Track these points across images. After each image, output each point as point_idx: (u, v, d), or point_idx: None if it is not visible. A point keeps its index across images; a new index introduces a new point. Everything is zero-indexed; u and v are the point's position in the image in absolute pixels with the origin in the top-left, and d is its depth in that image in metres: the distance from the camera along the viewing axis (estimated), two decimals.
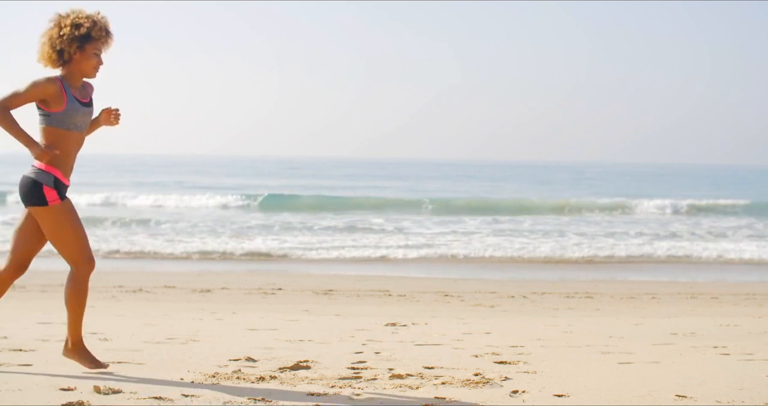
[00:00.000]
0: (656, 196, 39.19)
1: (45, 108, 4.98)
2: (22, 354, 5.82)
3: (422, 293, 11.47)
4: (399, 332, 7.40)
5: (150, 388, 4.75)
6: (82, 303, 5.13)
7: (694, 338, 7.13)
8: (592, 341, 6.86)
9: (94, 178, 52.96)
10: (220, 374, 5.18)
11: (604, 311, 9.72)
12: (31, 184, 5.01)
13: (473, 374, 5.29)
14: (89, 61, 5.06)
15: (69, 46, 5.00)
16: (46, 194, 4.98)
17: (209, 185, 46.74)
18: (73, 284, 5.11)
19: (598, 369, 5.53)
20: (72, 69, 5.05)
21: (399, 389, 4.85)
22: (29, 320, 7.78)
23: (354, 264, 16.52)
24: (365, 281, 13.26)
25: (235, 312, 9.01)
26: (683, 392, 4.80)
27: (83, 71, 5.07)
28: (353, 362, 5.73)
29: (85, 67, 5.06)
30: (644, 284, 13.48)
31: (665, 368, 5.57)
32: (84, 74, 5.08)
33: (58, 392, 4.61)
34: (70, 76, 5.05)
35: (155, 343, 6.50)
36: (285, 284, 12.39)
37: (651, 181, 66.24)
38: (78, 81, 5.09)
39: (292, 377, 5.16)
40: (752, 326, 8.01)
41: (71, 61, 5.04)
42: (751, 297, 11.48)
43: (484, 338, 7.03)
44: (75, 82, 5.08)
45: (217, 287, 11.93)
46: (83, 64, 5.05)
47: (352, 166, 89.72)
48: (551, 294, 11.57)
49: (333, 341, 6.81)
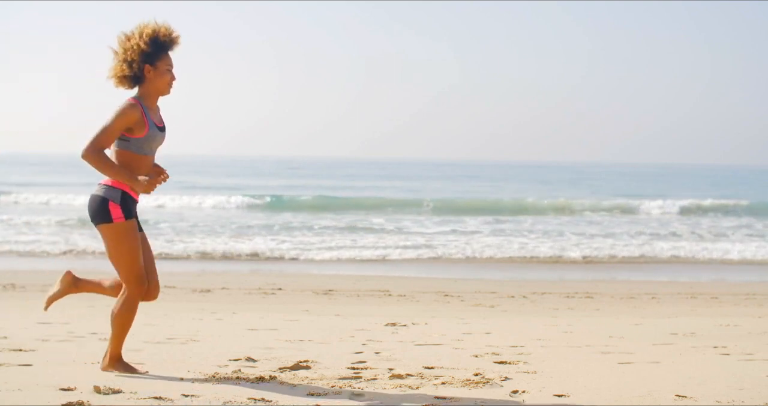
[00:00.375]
0: (656, 196, 39.20)
1: (126, 134, 4.90)
2: (22, 354, 5.82)
3: (422, 293, 11.47)
4: (399, 332, 7.39)
5: (150, 388, 4.75)
6: (127, 323, 5.03)
7: (694, 338, 7.13)
8: (592, 341, 6.86)
9: (94, 178, 52.94)
10: (220, 374, 5.18)
11: (604, 311, 9.72)
12: (99, 201, 4.95)
13: (473, 374, 5.29)
14: (163, 78, 4.96)
15: (140, 65, 4.90)
16: (112, 211, 4.92)
17: (209, 185, 46.75)
18: (122, 302, 5.03)
19: (598, 369, 5.53)
20: (147, 89, 4.96)
21: (399, 389, 4.85)
22: (29, 320, 7.78)
23: (354, 264, 16.52)
24: (365, 281, 13.26)
25: (235, 312, 9.01)
26: (683, 392, 4.80)
27: (159, 89, 4.98)
28: (353, 362, 5.74)
29: (160, 84, 4.97)
30: (644, 284, 13.48)
31: (665, 368, 5.57)
32: (160, 92, 4.99)
33: (58, 392, 4.61)
34: (147, 97, 4.96)
35: (155, 343, 6.50)
36: (285, 284, 12.39)
37: (651, 181, 66.24)
38: (154, 101, 5.00)
39: (292, 377, 5.16)
40: (752, 326, 8.01)
41: (145, 81, 4.94)
42: (751, 297, 11.48)
43: (484, 338, 7.03)
44: (152, 104, 4.99)
45: (217, 287, 11.93)
46: (158, 82, 4.96)
47: (352, 167, 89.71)
48: (551, 294, 11.56)
49: (333, 341, 6.81)
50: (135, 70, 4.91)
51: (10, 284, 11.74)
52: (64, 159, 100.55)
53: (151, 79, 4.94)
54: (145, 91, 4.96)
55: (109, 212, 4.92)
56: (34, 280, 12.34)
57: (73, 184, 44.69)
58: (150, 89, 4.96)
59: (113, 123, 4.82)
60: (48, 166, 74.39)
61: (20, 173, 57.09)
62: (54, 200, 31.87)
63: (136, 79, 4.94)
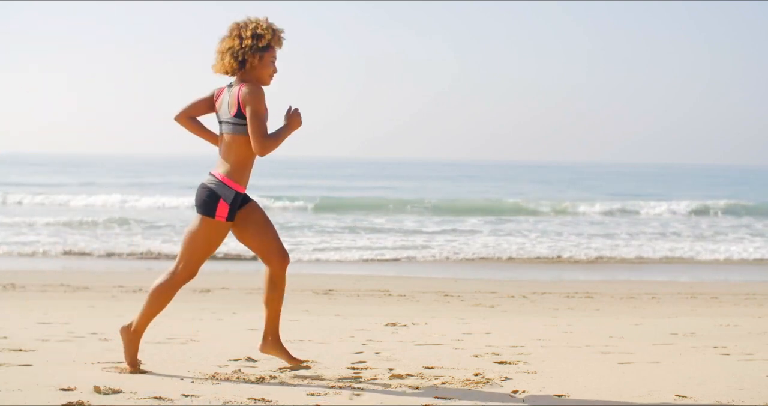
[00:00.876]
0: (656, 196, 39.21)
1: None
2: (22, 354, 5.82)
3: (422, 293, 11.47)
4: (399, 332, 7.40)
5: (150, 388, 4.75)
6: (163, 302, 5.11)
7: (694, 338, 7.13)
8: (592, 341, 6.86)
9: (94, 178, 52.97)
10: (220, 374, 5.19)
11: (604, 311, 9.72)
12: (210, 195, 4.98)
13: (473, 374, 5.29)
14: (267, 70, 5.04)
15: (252, 56, 4.98)
16: (218, 208, 4.97)
17: None
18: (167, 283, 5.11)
19: (598, 369, 5.53)
20: (249, 77, 5.03)
21: (399, 389, 4.85)
22: (29, 320, 7.78)
23: (354, 264, 16.52)
24: (365, 281, 13.26)
25: (235, 312, 9.01)
26: (683, 392, 4.80)
27: (261, 79, 5.04)
28: (353, 362, 5.74)
29: (262, 75, 5.04)
30: (644, 284, 13.47)
31: (665, 368, 5.57)
32: (261, 82, 5.05)
33: (58, 392, 4.61)
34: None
35: (155, 343, 6.50)
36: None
37: (651, 181, 66.25)
38: None
39: (292, 377, 5.16)
40: (752, 326, 8.01)
41: (250, 69, 5.02)
42: (751, 297, 11.48)
43: (484, 338, 7.03)
44: None
45: (217, 287, 11.93)
46: (261, 73, 5.03)
47: (351, 167, 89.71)
48: (551, 294, 11.56)
49: (333, 341, 6.81)
50: (244, 56, 4.98)
51: (10, 284, 11.74)
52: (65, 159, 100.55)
53: (256, 67, 5.02)
54: (246, 79, 5.03)
55: (215, 209, 4.98)
56: (34, 280, 12.35)
57: (76, 185, 44.70)
58: (252, 77, 5.03)
59: (261, 110, 4.92)
60: (48, 166, 74.40)
61: (21, 173, 57.08)
62: (54, 201, 31.87)
63: (242, 64, 5.00)
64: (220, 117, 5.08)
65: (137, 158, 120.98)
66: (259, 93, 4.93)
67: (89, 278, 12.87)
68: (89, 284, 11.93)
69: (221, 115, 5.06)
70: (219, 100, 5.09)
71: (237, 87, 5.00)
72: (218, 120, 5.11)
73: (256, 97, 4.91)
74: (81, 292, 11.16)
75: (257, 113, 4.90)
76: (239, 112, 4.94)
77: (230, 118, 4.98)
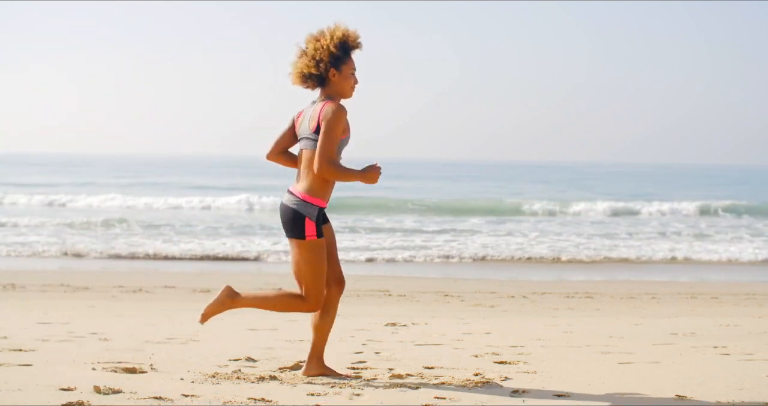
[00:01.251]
0: (656, 196, 39.20)
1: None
2: (22, 354, 5.82)
3: (422, 293, 11.47)
4: (399, 332, 7.40)
5: (150, 388, 4.75)
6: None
7: (694, 338, 7.13)
8: (592, 341, 6.86)
9: (94, 179, 52.96)
10: (220, 374, 5.18)
11: (604, 311, 9.72)
12: (294, 215, 4.90)
13: (473, 374, 5.29)
14: (348, 82, 4.95)
15: (328, 67, 4.90)
16: (306, 228, 4.89)
17: (209, 185, 46.75)
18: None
19: (598, 369, 5.53)
20: (331, 91, 4.94)
21: (399, 389, 4.85)
22: (29, 320, 7.78)
23: (354, 264, 16.52)
24: (365, 281, 13.25)
25: (235, 312, 9.00)
26: (683, 392, 4.80)
27: (342, 92, 4.95)
28: (353, 362, 5.74)
29: (344, 87, 4.95)
30: (644, 284, 13.47)
31: (665, 368, 5.57)
32: (343, 95, 4.96)
33: (58, 392, 4.61)
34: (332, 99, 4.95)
35: (155, 343, 6.50)
36: (285, 284, 12.38)
37: (651, 182, 66.24)
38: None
39: (292, 377, 5.16)
40: (752, 326, 8.01)
41: (329, 83, 4.94)
42: (751, 297, 11.48)
43: (484, 338, 7.03)
44: None
45: (217, 287, 11.92)
46: (343, 85, 4.94)
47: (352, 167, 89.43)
48: (551, 294, 11.56)
49: (333, 341, 6.81)
50: (321, 71, 4.91)
51: (10, 284, 11.74)
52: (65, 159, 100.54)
53: (336, 82, 4.94)
54: (328, 94, 4.95)
55: (303, 229, 4.89)
56: (34, 280, 12.35)
57: (76, 185, 44.70)
58: (334, 92, 4.95)
59: (336, 131, 4.82)
60: (48, 166, 74.38)
61: (21, 173, 57.07)
62: (54, 201, 31.87)
63: (320, 80, 4.94)
64: (300, 133, 4.98)
65: (137, 158, 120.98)
66: (339, 114, 4.82)
67: (89, 278, 12.87)
68: (89, 284, 11.93)
69: (301, 132, 4.96)
70: (300, 119, 5.00)
71: (320, 104, 4.90)
72: (298, 137, 5.01)
73: (335, 118, 4.81)
74: (81, 292, 11.16)
75: (330, 133, 4.80)
76: (318, 128, 4.86)
77: (310, 134, 4.89)
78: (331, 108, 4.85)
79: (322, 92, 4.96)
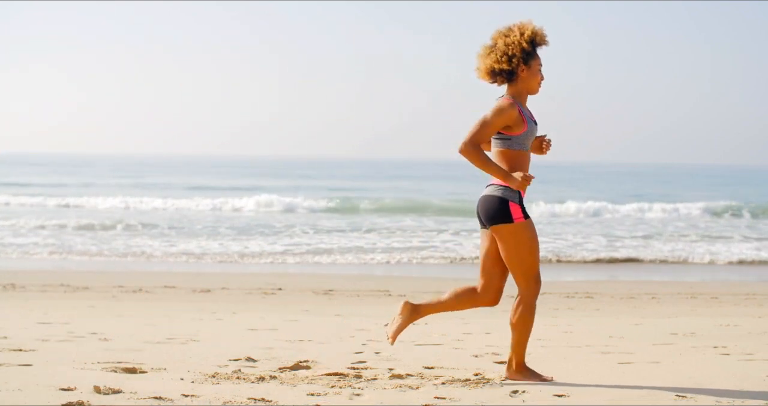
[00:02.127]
0: (656, 196, 39.20)
1: (506, 132, 4.93)
2: (22, 354, 5.82)
3: (422, 293, 11.47)
4: None
5: (150, 388, 4.75)
6: (529, 325, 5.00)
7: (694, 338, 7.13)
8: (592, 341, 6.86)
9: (93, 179, 52.97)
10: (220, 374, 5.18)
11: (604, 311, 9.72)
12: (498, 202, 4.92)
13: (473, 374, 5.29)
14: (536, 78, 5.01)
15: (518, 63, 4.95)
16: (512, 211, 4.91)
17: (209, 186, 46.75)
18: (523, 306, 4.97)
19: (598, 369, 5.53)
20: (519, 87, 5.00)
21: (399, 389, 4.85)
22: (29, 320, 7.78)
23: (354, 264, 16.52)
24: (365, 281, 13.26)
25: (235, 312, 9.01)
26: (683, 392, 4.80)
27: (530, 88, 5.01)
28: (353, 362, 5.74)
29: (532, 84, 5.01)
30: (644, 284, 13.47)
31: (665, 368, 5.57)
32: (530, 91, 5.02)
33: (58, 392, 4.61)
34: (518, 95, 5.00)
35: (155, 343, 6.50)
36: (285, 284, 12.39)
37: (651, 182, 66.25)
38: (525, 99, 5.03)
39: (292, 377, 5.16)
40: (752, 326, 8.01)
41: (517, 79, 4.99)
42: (751, 297, 11.48)
43: (484, 338, 7.03)
44: (523, 101, 5.02)
45: (217, 287, 11.93)
46: (530, 81, 5.00)
47: (352, 167, 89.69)
48: (551, 294, 11.56)
49: (333, 341, 6.81)
50: (513, 66, 4.96)
51: (10, 284, 11.74)
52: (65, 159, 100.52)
53: (524, 78, 4.99)
54: (516, 90, 5.00)
55: (509, 213, 4.91)
56: (34, 280, 12.35)
57: (80, 186, 44.70)
58: (521, 88, 5.00)
59: (492, 120, 4.89)
60: (49, 166, 74.38)
61: (21, 174, 57.06)
62: (55, 201, 31.87)
63: (510, 75, 4.99)
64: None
65: (138, 158, 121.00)
66: (501, 107, 4.89)
67: (89, 278, 12.87)
68: (89, 284, 11.93)
69: None
70: None
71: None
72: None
73: (497, 109, 4.88)
74: (81, 292, 11.16)
75: (484, 119, 4.88)
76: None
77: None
78: (501, 101, 4.94)
79: (509, 88, 5.03)
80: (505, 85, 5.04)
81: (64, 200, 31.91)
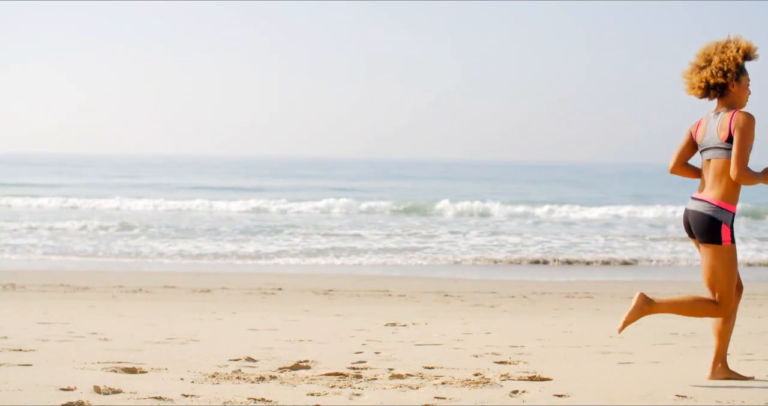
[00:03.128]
0: (656, 197, 39.20)
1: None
2: (22, 354, 5.82)
3: (422, 293, 11.47)
4: (399, 332, 7.40)
5: (150, 388, 4.75)
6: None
7: (694, 338, 7.13)
8: (592, 341, 6.86)
9: (94, 179, 52.98)
10: (220, 374, 5.18)
11: (604, 311, 9.72)
12: (711, 222, 5.00)
13: (473, 374, 5.29)
14: (745, 93, 5.08)
15: (732, 78, 5.03)
16: (723, 234, 5.01)
17: (209, 186, 46.76)
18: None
19: (598, 369, 5.53)
20: (730, 101, 5.06)
21: (399, 389, 4.85)
22: (29, 320, 7.78)
23: (354, 264, 16.52)
24: (365, 281, 13.26)
25: (235, 312, 9.01)
26: (683, 392, 4.81)
27: (740, 102, 5.07)
28: (353, 362, 5.74)
29: (741, 98, 5.07)
30: (644, 284, 13.48)
31: (665, 368, 5.58)
32: (739, 105, 5.08)
33: (58, 392, 4.61)
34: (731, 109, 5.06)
35: (155, 343, 6.50)
36: (285, 284, 12.39)
37: (651, 181, 66.26)
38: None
39: (292, 377, 5.16)
40: (752, 326, 8.01)
41: (728, 94, 5.06)
42: (751, 297, 11.47)
43: (484, 338, 7.03)
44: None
45: (217, 287, 11.93)
46: (741, 96, 5.07)
47: (352, 167, 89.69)
48: (551, 294, 11.56)
49: (333, 341, 6.81)
50: (728, 81, 5.03)
51: (10, 284, 11.74)
52: (66, 159, 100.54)
53: (734, 92, 5.06)
54: (726, 104, 5.07)
55: (720, 235, 5.01)
56: (34, 280, 12.35)
57: (80, 186, 44.69)
58: (732, 102, 5.06)
59: (750, 138, 4.96)
60: (49, 166, 74.40)
61: (22, 174, 57.07)
62: (55, 201, 31.87)
63: (723, 89, 5.06)
64: (705, 145, 5.09)
65: (138, 159, 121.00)
66: (751, 121, 4.95)
67: (89, 278, 12.87)
68: (89, 284, 11.93)
69: (707, 143, 5.07)
70: (700, 130, 5.13)
71: (728, 113, 5.01)
72: (701, 149, 5.12)
73: (748, 125, 4.94)
74: (81, 292, 11.16)
75: (744, 140, 4.93)
76: (730, 137, 4.97)
77: (720, 143, 4.99)
78: (743, 116, 4.97)
79: (720, 102, 5.08)
80: (716, 100, 5.10)
81: (64, 201, 31.91)
